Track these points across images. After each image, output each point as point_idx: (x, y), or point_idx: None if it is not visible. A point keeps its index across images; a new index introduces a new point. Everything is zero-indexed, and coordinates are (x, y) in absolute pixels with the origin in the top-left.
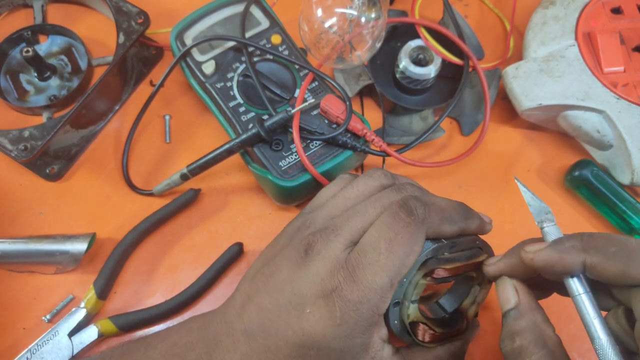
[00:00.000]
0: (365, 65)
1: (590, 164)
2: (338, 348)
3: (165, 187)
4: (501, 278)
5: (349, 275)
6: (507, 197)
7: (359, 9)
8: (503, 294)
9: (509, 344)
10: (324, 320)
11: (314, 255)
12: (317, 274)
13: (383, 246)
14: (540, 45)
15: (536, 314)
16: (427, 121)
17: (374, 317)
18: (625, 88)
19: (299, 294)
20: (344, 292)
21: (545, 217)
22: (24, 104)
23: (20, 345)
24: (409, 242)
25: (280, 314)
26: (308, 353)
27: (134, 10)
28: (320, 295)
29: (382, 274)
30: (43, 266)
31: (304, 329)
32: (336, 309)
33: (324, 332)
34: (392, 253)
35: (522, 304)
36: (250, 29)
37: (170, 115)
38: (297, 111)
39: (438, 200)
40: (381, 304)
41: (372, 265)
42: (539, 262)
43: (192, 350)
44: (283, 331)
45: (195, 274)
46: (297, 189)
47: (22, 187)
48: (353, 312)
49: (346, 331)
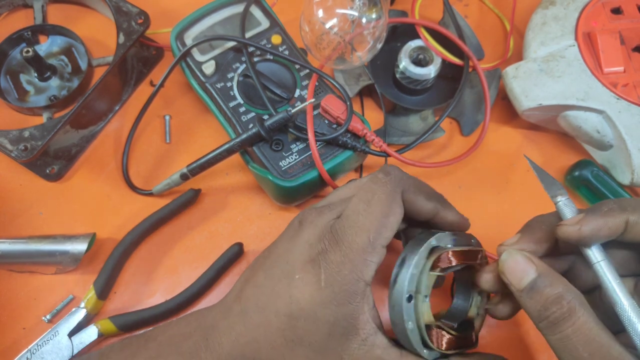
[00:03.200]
0: (365, 65)
1: (590, 164)
2: (324, 318)
3: (165, 187)
4: (507, 252)
5: (332, 238)
6: (507, 197)
7: (359, 9)
8: (517, 266)
9: (549, 311)
10: (311, 285)
11: (307, 225)
12: (307, 240)
13: (362, 207)
14: (540, 46)
15: (560, 276)
16: (427, 121)
17: (359, 283)
18: (625, 88)
19: (290, 262)
20: (328, 255)
21: (558, 191)
22: (24, 104)
23: (20, 345)
24: (385, 201)
25: (273, 286)
26: (296, 324)
27: (134, 10)
28: (308, 260)
29: (362, 233)
30: (43, 266)
31: (292, 296)
32: (321, 272)
33: (310, 297)
34: (370, 213)
35: (544, 271)
36: (250, 29)
37: (170, 115)
38: (309, 104)
39: (419, 180)
40: (364, 268)
41: (352, 227)
42: (587, 231)
43: (190, 338)
44: (274, 303)
45: (195, 274)
46: (297, 189)
47: (22, 187)
48: (336, 274)
49: (330, 295)
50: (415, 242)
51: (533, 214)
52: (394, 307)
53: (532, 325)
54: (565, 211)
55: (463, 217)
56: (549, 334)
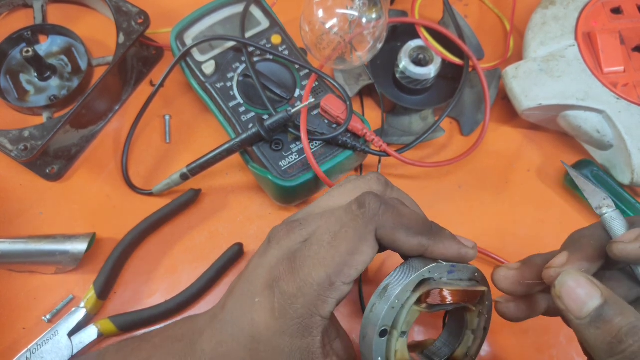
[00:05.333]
0: (365, 65)
1: (590, 164)
2: (280, 348)
3: (165, 187)
4: (566, 273)
5: (289, 265)
6: (507, 197)
7: (359, 9)
8: (581, 290)
9: (625, 344)
10: (267, 312)
11: (274, 245)
12: (269, 262)
13: (326, 239)
14: (540, 45)
15: (626, 303)
16: (427, 121)
17: (313, 317)
18: (625, 88)
19: (253, 282)
20: (282, 283)
21: (603, 202)
22: (24, 104)
23: (20, 345)
24: (353, 238)
25: (242, 303)
26: (258, 347)
27: (134, 10)
28: (266, 285)
29: (320, 269)
30: (43, 266)
31: (253, 319)
32: (275, 301)
33: (266, 325)
34: (334, 247)
35: (611, 296)
36: (250, 29)
37: (170, 115)
38: (304, 107)
39: (404, 208)
40: (319, 304)
41: (312, 258)
42: None
43: (180, 342)
44: (241, 321)
45: (195, 274)
46: (297, 189)
47: (22, 187)
48: (288, 306)
49: (284, 327)
50: (404, 269)
51: (533, 214)
52: (365, 338)
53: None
54: (614, 225)
55: (464, 247)
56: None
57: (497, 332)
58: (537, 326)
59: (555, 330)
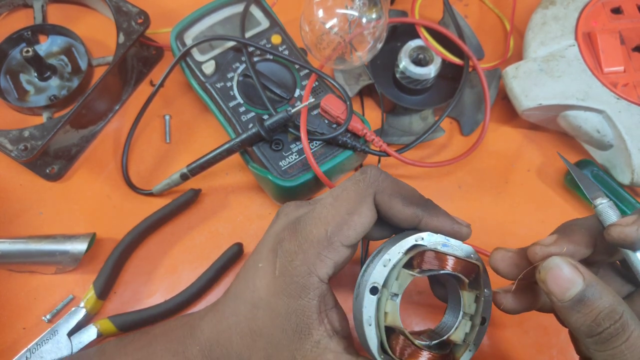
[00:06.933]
0: (365, 65)
1: (590, 164)
2: (277, 310)
3: (165, 187)
4: (550, 259)
5: (292, 228)
6: (507, 197)
7: (359, 9)
8: (563, 275)
9: (602, 327)
10: (268, 273)
11: (281, 216)
12: (274, 230)
13: (329, 201)
14: (540, 45)
15: (608, 287)
16: (427, 121)
17: (311, 276)
18: (625, 88)
19: (258, 251)
20: (284, 243)
21: (598, 193)
22: (24, 104)
23: (20, 345)
24: (353, 199)
25: (245, 275)
26: (257, 314)
27: (134, 10)
28: (271, 249)
29: (320, 226)
30: (43, 266)
31: (255, 284)
32: (277, 260)
33: (267, 286)
34: (335, 207)
35: (592, 281)
36: (250, 29)
37: (170, 115)
38: (304, 107)
39: (403, 182)
40: (317, 262)
41: (314, 218)
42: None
43: (179, 329)
44: (243, 291)
45: (195, 274)
46: (297, 189)
47: (22, 187)
48: (288, 264)
49: (282, 284)
50: (399, 236)
51: (533, 214)
52: (357, 298)
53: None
54: (611, 213)
55: (458, 224)
56: (599, 350)
57: (498, 332)
58: (537, 326)
59: (555, 330)
